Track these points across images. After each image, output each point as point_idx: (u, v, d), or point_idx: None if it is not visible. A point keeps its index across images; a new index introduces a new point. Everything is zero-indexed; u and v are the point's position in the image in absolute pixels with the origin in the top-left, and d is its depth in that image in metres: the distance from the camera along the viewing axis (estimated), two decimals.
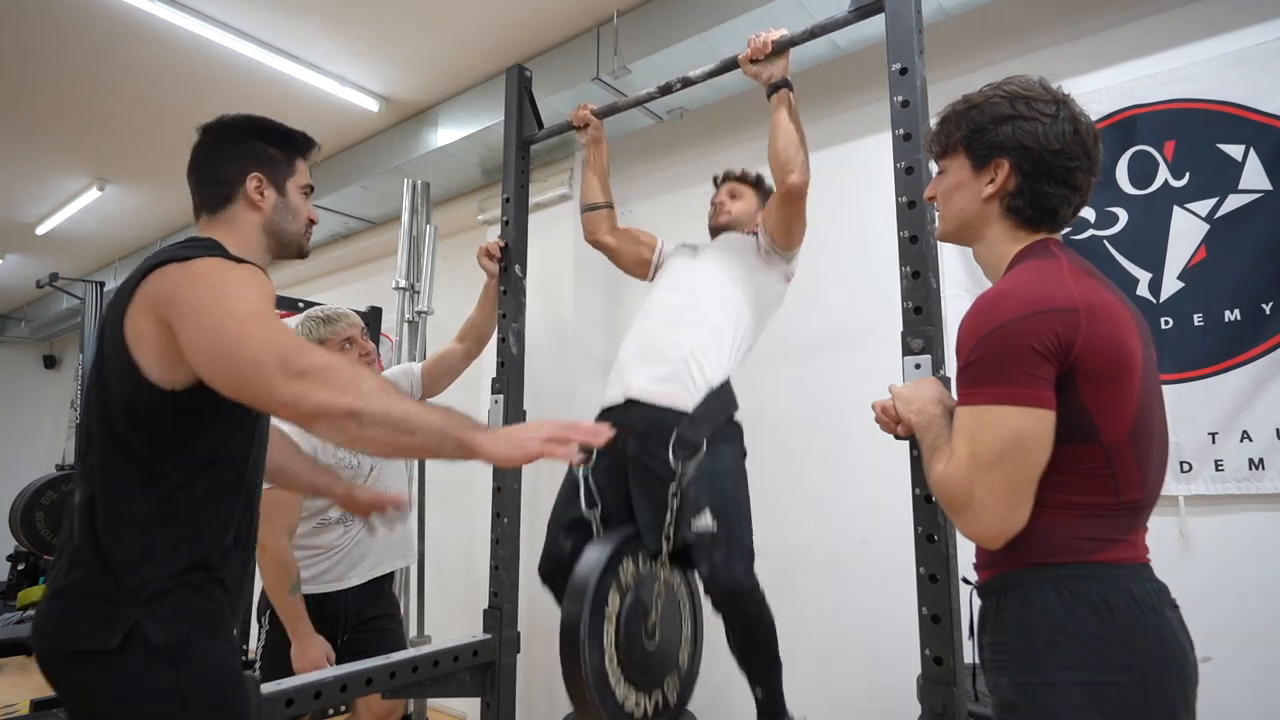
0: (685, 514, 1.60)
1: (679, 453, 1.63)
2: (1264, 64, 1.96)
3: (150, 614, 1.04)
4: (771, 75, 1.74)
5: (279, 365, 0.97)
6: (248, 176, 1.24)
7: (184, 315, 1.04)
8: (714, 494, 1.61)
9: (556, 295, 3.15)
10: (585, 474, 1.77)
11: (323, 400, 0.97)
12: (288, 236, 1.30)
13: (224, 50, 2.94)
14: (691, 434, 1.64)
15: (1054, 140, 1.01)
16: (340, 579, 2.05)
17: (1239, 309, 1.94)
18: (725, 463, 1.67)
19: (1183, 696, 0.91)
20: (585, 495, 1.74)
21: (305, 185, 1.33)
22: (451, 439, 1.05)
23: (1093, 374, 0.92)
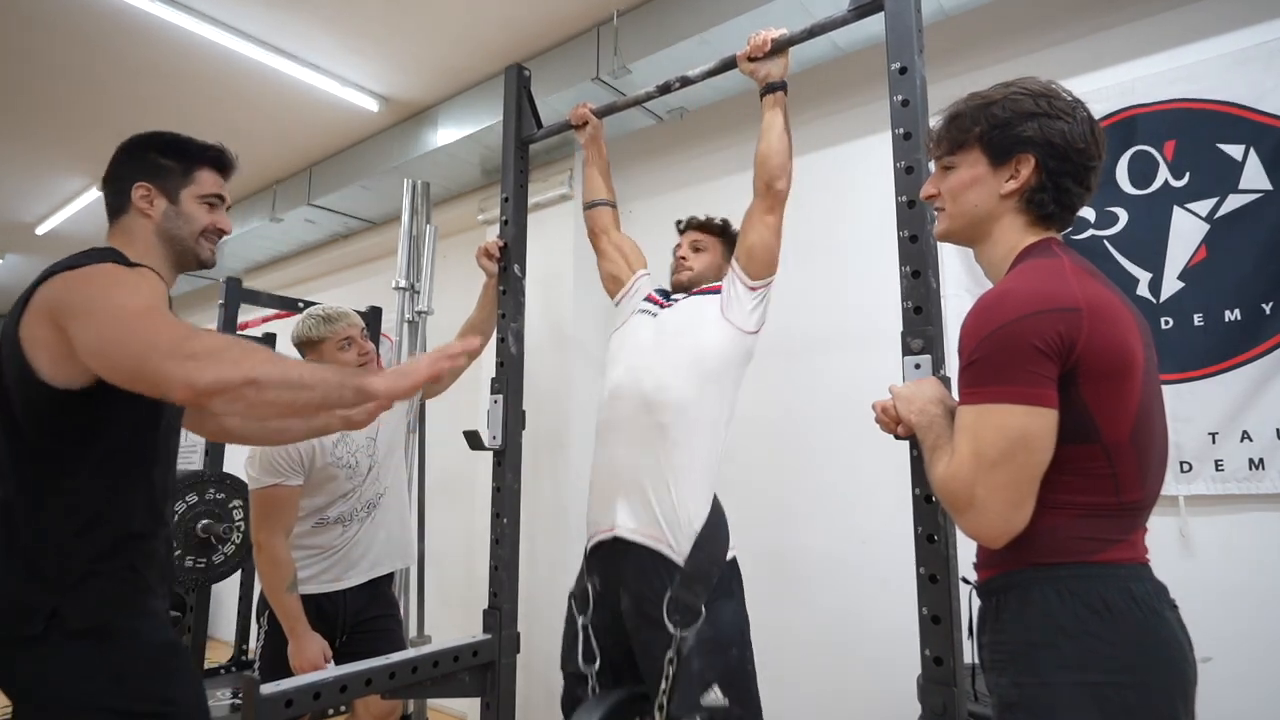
0: (688, 685, 1.52)
1: (674, 617, 1.56)
2: (1264, 64, 1.96)
3: (69, 600, 1.11)
4: (769, 74, 1.73)
5: (169, 351, 1.02)
6: (134, 186, 1.32)
7: (77, 316, 1.10)
8: (721, 666, 1.54)
9: (556, 295, 3.15)
10: (584, 625, 1.72)
11: (216, 375, 1.01)
12: (179, 244, 1.35)
13: (224, 50, 2.94)
14: (687, 597, 1.57)
15: (1078, 139, 1.01)
16: (338, 579, 2.05)
17: (1239, 309, 1.94)
18: (727, 627, 1.59)
19: (1182, 696, 0.91)
20: (584, 649, 1.71)
21: (207, 195, 1.38)
22: (349, 386, 1.13)
23: (1094, 374, 0.92)
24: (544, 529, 2.96)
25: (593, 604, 1.73)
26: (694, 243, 1.96)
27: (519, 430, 2.00)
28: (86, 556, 1.15)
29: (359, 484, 2.09)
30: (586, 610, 1.73)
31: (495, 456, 1.96)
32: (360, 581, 2.08)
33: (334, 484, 2.05)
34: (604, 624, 1.71)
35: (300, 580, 1.99)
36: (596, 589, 1.73)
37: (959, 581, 1.22)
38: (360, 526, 2.09)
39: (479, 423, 2.00)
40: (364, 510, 2.10)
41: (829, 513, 2.53)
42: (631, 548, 1.65)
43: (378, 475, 2.14)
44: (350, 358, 2.09)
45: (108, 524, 1.18)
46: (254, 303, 3.26)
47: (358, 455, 2.10)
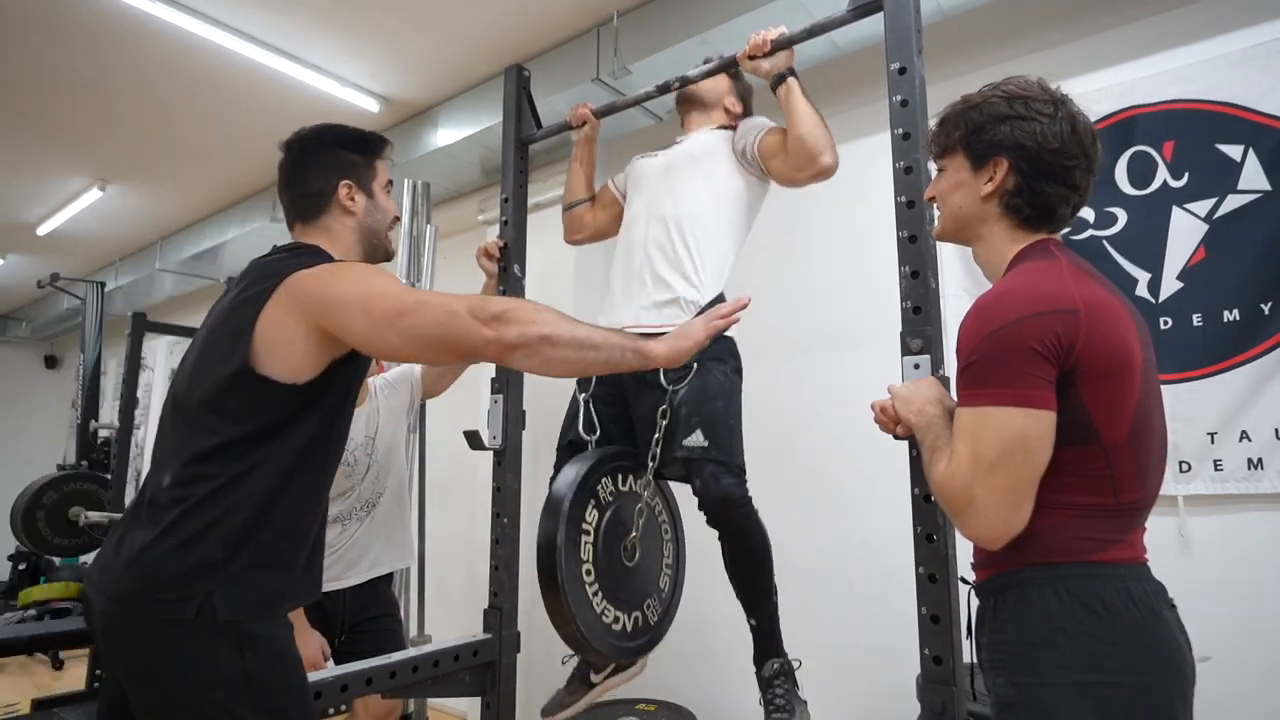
0: (676, 433, 1.63)
1: (669, 374, 1.66)
2: (1263, 64, 1.96)
3: (225, 591, 1.08)
4: (774, 67, 1.72)
5: (472, 313, 1.10)
6: (339, 184, 1.32)
7: (341, 308, 1.12)
8: (704, 413, 1.63)
9: (556, 295, 3.15)
10: (586, 399, 1.81)
11: (520, 331, 1.11)
12: (378, 239, 1.38)
13: (225, 51, 2.94)
14: None
15: (1052, 139, 1.01)
16: (338, 578, 2.05)
17: (1238, 309, 1.95)
18: (715, 382, 1.68)
19: (1180, 696, 0.91)
20: (584, 420, 1.80)
21: (387, 183, 1.42)
22: (630, 349, 1.22)
23: (1093, 375, 0.92)
24: None
25: (594, 380, 1.82)
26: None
27: (519, 430, 2.00)
28: (251, 552, 1.12)
29: (357, 482, 2.09)
30: (588, 387, 1.83)
31: (495, 456, 1.97)
32: (360, 581, 2.08)
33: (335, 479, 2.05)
34: (604, 396, 1.81)
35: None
36: None
37: (958, 581, 1.22)
38: (359, 526, 2.09)
39: (479, 423, 2.00)
40: (363, 509, 2.10)
41: (828, 512, 2.53)
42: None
43: (377, 475, 2.14)
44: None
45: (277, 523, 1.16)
46: None
47: (356, 454, 2.10)
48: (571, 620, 1.57)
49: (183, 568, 1.08)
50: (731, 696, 2.59)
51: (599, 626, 1.64)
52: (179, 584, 1.07)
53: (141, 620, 1.08)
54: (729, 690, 2.66)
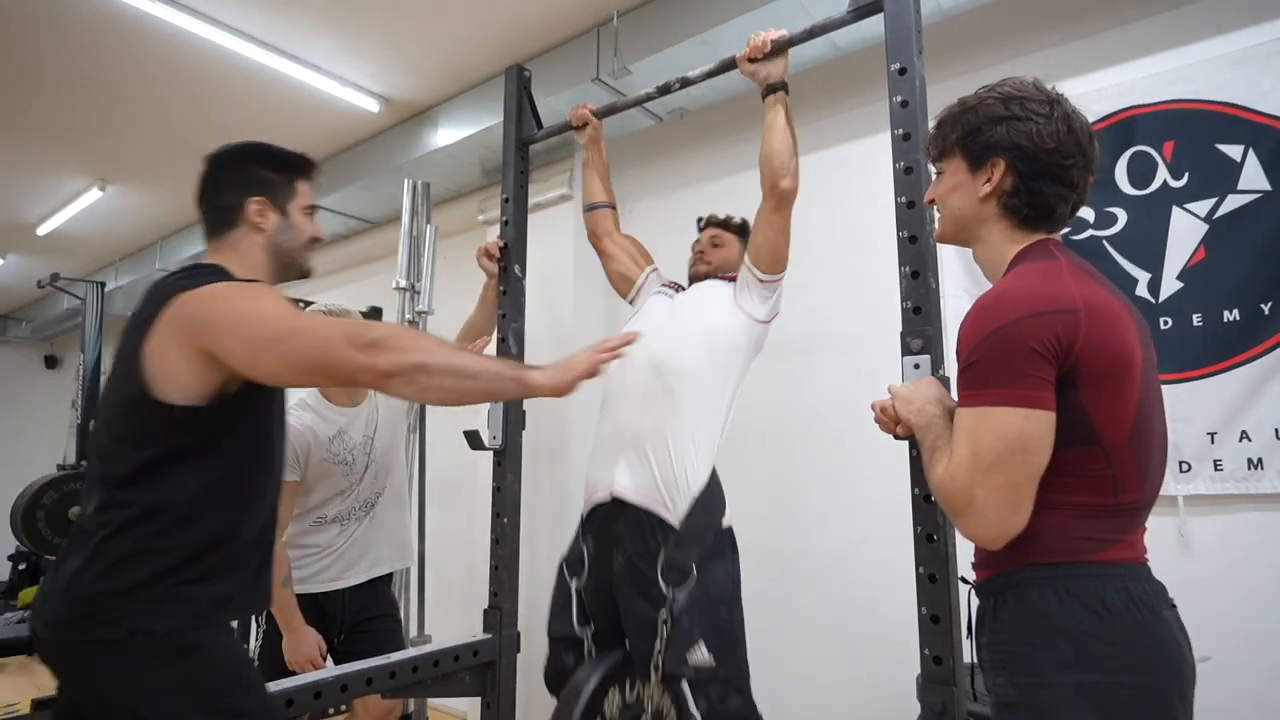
0: (678, 644, 1.54)
1: (668, 576, 1.58)
2: (1263, 64, 1.96)
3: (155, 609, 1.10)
4: (769, 75, 1.73)
5: (349, 340, 1.10)
6: (248, 201, 1.31)
7: (225, 332, 1.13)
8: (708, 625, 1.56)
9: (556, 295, 3.15)
10: (577, 589, 1.74)
11: (394, 359, 1.10)
12: (289, 256, 1.36)
13: (225, 51, 2.94)
14: (680, 557, 1.59)
15: (1048, 139, 1.01)
16: (337, 578, 2.05)
17: (1238, 309, 1.95)
18: (718, 587, 1.61)
19: (1180, 696, 0.91)
20: (578, 612, 1.73)
21: (308, 206, 1.39)
22: (510, 378, 1.21)
23: (1093, 375, 0.92)
24: (544, 529, 2.96)
25: (587, 568, 1.74)
26: (713, 238, 2.01)
27: (519, 430, 2.00)
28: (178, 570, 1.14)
29: (355, 482, 2.10)
30: (580, 574, 1.75)
31: (495, 456, 1.97)
32: (360, 581, 2.09)
33: (330, 480, 2.06)
34: (596, 587, 1.73)
35: (299, 579, 2.00)
36: (591, 552, 1.74)
37: (958, 581, 1.22)
38: (358, 526, 2.10)
39: (479, 423, 2.00)
40: (362, 509, 2.11)
41: (828, 512, 2.53)
42: (628, 509, 1.67)
43: (375, 474, 2.14)
44: None
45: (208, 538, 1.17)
46: None
47: (354, 453, 2.11)
48: None
49: (111, 589, 1.10)
50: None
51: None
52: (107, 607, 1.09)
53: (80, 645, 1.12)
54: None
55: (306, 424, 2.05)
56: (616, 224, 2.13)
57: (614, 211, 2.12)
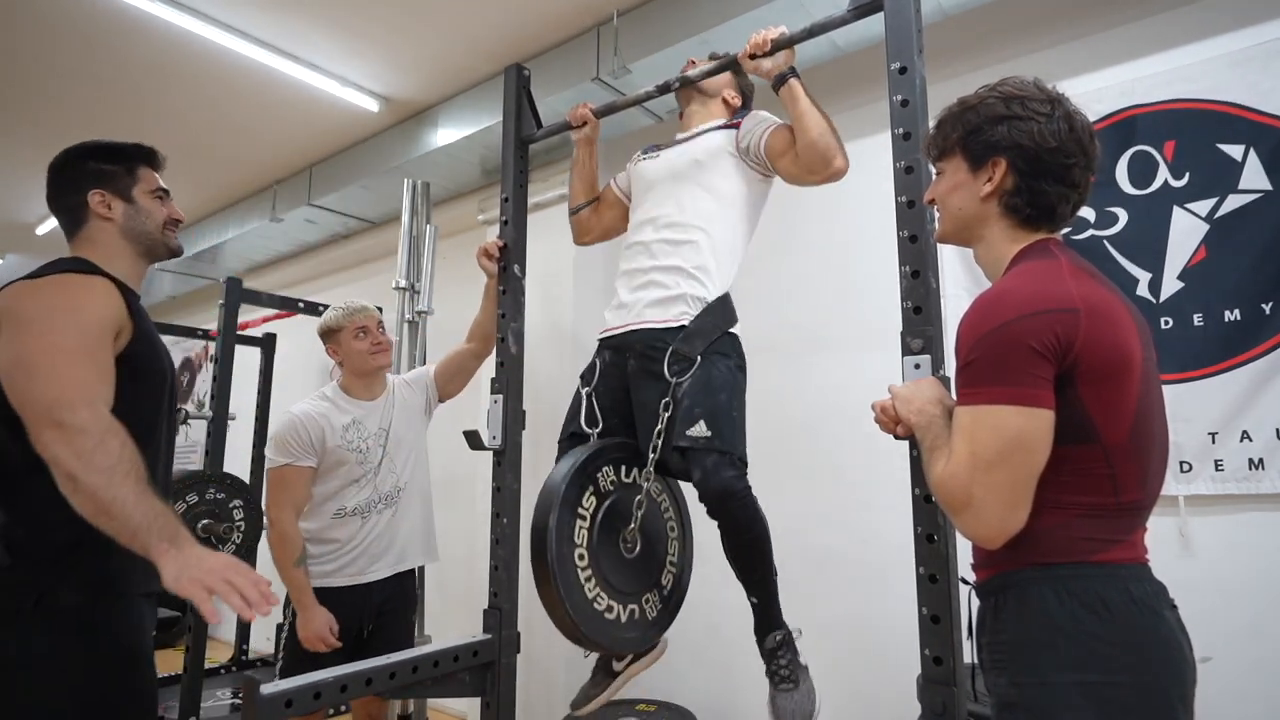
0: (678, 423, 1.62)
1: (673, 366, 1.66)
2: (1264, 64, 1.96)
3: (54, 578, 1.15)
4: (775, 67, 1.71)
5: (47, 409, 1.10)
6: (89, 194, 1.37)
7: (8, 328, 1.16)
8: (708, 405, 1.63)
9: (556, 295, 3.15)
10: (588, 392, 1.81)
11: (55, 453, 1.09)
12: (147, 238, 1.41)
13: (225, 50, 2.94)
14: (686, 348, 1.67)
15: (1050, 138, 1.01)
16: (362, 572, 2.09)
17: (1239, 309, 1.94)
18: (719, 375, 1.67)
19: (1180, 697, 0.91)
20: (586, 413, 1.80)
21: (156, 189, 1.45)
22: (140, 541, 1.09)
23: (1092, 374, 0.92)
24: None
25: (599, 374, 1.82)
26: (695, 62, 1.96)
27: (519, 430, 2.00)
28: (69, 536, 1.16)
29: (370, 472, 2.13)
30: (592, 380, 1.83)
31: (495, 456, 1.96)
32: (386, 575, 2.13)
33: (345, 469, 2.11)
34: (607, 390, 1.80)
35: (326, 573, 2.05)
36: (605, 361, 1.83)
37: (958, 581, 1.22)
38: (380, 519, 2.13)
39: (479, 423, 2.00)
40: (382, 503, 2.14)
41: (828, 512, 2.53)
42: (641, 330, 1.75)
43: (392, 467, 2.17)
44: (363, 346, 2.20)
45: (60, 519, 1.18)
46: (254, 302, 3.27)
47: (368, 441, 2.15)
48: (561, 604, 1.56)
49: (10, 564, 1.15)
50: (731, 696, 2.59)
51: (590, 613, 1.62)
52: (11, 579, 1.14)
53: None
54: (729, 690, 2.66)
55: (321, 412, 2.12)
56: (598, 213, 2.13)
57: (596, 204, 2.13)
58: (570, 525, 1.63)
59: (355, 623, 2.08)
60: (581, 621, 1.59)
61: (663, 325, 1.72)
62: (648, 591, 1.77)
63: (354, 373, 2.23)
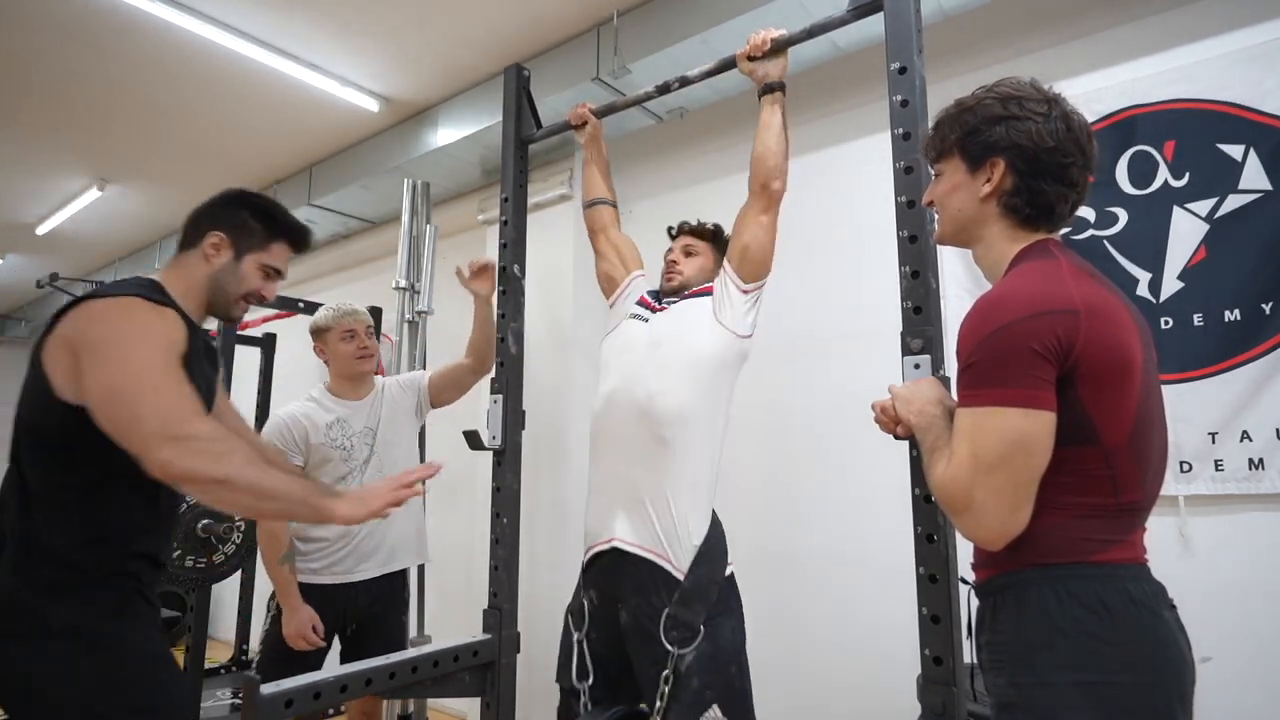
0: (690, 705, 1.50)
1: (672, 634, 1.55)
2: (1264, 64, 1.96)
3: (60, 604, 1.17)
4: (767, 74, 1.73)
5: (159, 428, 1.09)
6: (211, 231, 1.38)
7: (90, 353, 1.16)
8: (720, 685, 1.53)
9: (556, 295, 3.15)
10: (579, 640, 1.71)
11: (190, 466, 1.09)
12: (220, 297, 1.41)
13: (225, 50, 2.94)
14: (686, 614, 1.56)
15: (1048, 138, 1.01)
16: (349, 571, 2.09)
17: (1239, 309, 1.94)
18: (726, 645, 1.58)
19: (1180, 697, 0.91)
20: (578, 666, 1.70)
21: (269, 266, 1.44)
22: (310, 505, 1.21)
23: (1093, 375, 0.92)
24: (544, 529, 2.96)
25: (589, 619, 1.71)
26: (686, 247, 1.94)
27: (519, 430, 2.00)
28: (85, 567, 1.20)
29: (356, 469, 2.13)
30: (583, 626, 1.72)
31: (495, 456, 1.96)
32: (375, 575, 2.12)
33: (330, 466, 2.11)
34: (600, 638, 1.70)
35: (313, 570, 2.06)
36: (593, 603, 1.72)
37: (958, 581, 1.22)
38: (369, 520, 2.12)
39: (479, 423, 2.00)
40: None
41: (828, 513, 2.53)
42: (629, 559, 1.64)
43: (380, 466, 2.18)
44: (349, 349, 2.21)
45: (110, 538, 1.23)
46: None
47: (353, 439, 2.16)
48: None
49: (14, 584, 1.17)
50: None
51: None
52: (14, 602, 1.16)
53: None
54: None
55: (305, 412, 2.13)
56: (616, 221, 2.10)
57: (614, 208, 2.10)
58: None
59: (340, 621, 2.09)
60: None
61: (652, 559, 1.60)
62: None
63: (339, 374, 2.24)
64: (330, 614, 2.04)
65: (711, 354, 1.73)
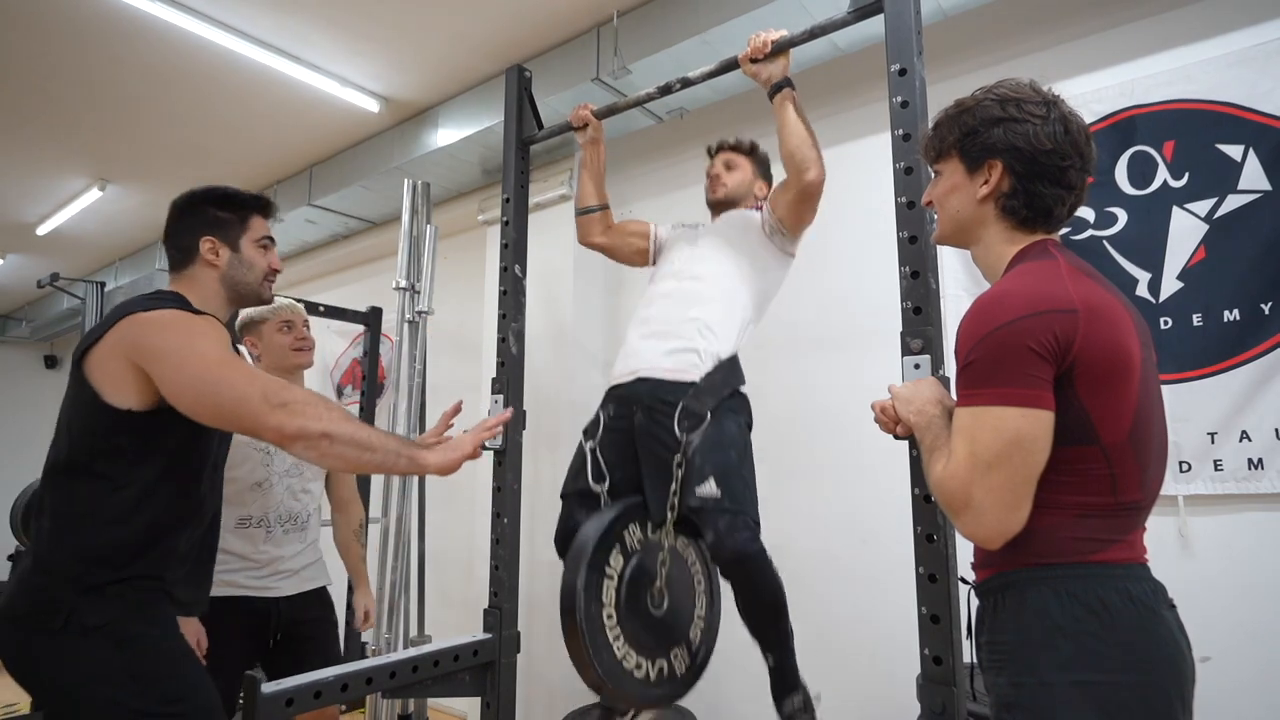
0: (690, 482, 1.62)
1: (683, 423, 1.66)
2: (1263, 64, 1.96)
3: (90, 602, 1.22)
4: (771, 75, 1.74)
5: (263, 398, 1.20)
6: (201, 240, 1.45)
7: (160, 359, 1.24)
8: (717, 462, 1.63)
9: (556, 295, 3.16)
10: (592, 448, 1.80)
11: (301, 424, 1.20)
12: (245, 288, 1.49)
13: (225, 51, 2.94)
14: (696, 405, 1.67)
15: (1046, 140, 1.01)
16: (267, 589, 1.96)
17: (1238, 309, 1.95)
18: (729, 433, 1.68)
19: (1179, 696, 0.91)
20: (593, 469, 1.79)
21: (262, 238, 1.52)
22: (405, 455, 1.30)
23: (1091, 375, 0.92)
24: (544, 529, 2.96)
25: (603, 428, 1.81)
26: (727, 161, 2.03)
27: (519, 430, 2.00)
28: (116, 567, 1.26)
29: (273, 477, 2.01)
30: (596, 435, 1.82)
31: (495, 456, 1.97)
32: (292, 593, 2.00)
33: (248, 466, 1.98)
34: (612, 443, 1.79)
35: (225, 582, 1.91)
36: (609, 415, 1.82)
37: (958, 581, 1.22)
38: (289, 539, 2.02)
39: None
40: (291, 522, 2.03)
41: (828, 512, 2.53)
42: (649, 381, 1.75)
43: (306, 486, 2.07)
44: (287, 340, 2.11)
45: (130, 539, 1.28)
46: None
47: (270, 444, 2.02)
48: (591, 665, 1.55)
49: (50, 583, 1.23)
50: (731, 697, 2.59)
51: (620, 672, 1.61)
52: (50, 599, 1.22)
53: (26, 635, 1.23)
54: (728, 691, 2.66)
55: None
56: (607, 226, 2.14)
57: (606, 214, 2.13)
58: (599, 585, 1.62)
59: (263, 630, 1.96)
60: (612, 680, 1.58)
61: (673, 378, 1.72)
62: (676, 647, 1.74)
63: (272, 368, 2.08)
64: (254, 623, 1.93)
65: (755, 251, 1.87)
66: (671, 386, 1.71)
